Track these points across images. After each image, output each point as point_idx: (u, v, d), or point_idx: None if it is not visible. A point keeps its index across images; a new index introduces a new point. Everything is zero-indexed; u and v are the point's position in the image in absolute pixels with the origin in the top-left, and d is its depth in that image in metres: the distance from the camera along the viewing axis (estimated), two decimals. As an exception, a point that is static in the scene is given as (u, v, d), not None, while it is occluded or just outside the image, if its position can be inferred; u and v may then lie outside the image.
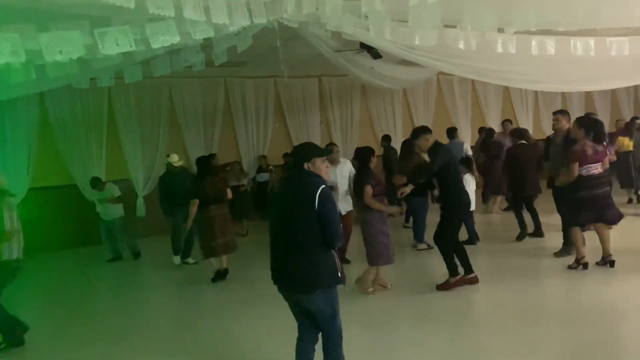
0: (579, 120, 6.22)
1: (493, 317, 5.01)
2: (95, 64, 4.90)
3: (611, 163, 8.09)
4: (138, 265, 8.68)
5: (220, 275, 6.82)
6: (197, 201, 6.70)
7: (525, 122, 13.85)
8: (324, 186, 3.27)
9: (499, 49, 5.05)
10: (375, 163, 5.75)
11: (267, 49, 7.36)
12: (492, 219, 9.69)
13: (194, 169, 8.21)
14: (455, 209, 5.71)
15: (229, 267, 6.88)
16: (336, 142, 12.21)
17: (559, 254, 6.69)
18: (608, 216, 5.99)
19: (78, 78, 6.05)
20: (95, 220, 8.85)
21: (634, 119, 11.09)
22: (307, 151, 3.48)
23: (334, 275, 3.30)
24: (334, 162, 6.58)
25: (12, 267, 4.87)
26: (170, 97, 10.90)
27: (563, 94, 14.08)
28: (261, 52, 8.13)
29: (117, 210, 8.67)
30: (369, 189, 5.53)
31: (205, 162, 7.09)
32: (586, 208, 5.89)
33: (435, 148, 5.69)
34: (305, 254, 3.22)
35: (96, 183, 8.72)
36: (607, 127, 10.25)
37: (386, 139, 11.15)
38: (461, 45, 4.93)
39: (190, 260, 8.01)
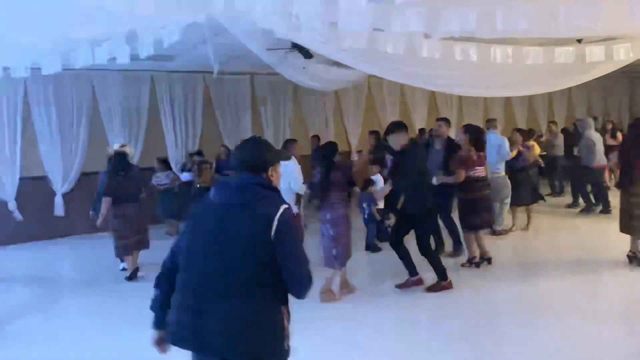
0: (465, 127, 6.80)
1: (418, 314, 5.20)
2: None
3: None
4: (56, 267, 8.22)
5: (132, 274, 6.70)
6: (109, 199, 6.55)
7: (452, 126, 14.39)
8: (286, 206, 2.27)
9: (425, 54, 5.22)
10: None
11: (196, 43, 7.18)
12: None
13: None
14: (432, 212, 5.83)
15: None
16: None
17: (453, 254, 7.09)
18: (490, 219, 6.78)
19: (-13, 67, 5.64)
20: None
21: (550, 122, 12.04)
22: (272, 152, 2.46)
23: (279, 345, 2.25)
24: None
25: None
26: (92, 90, 10.35)
27: (485, 98, 14.78)
28: (190, 47, 7.91)
29: None
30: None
31: (122, 158, 6.85)
32: (476, 210, 6.31)
33: (415, 149, 5.85)
34: (244, 306, 2.18)
35: None
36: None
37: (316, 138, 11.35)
38: (389, 49, 5.04)
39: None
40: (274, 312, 2.23)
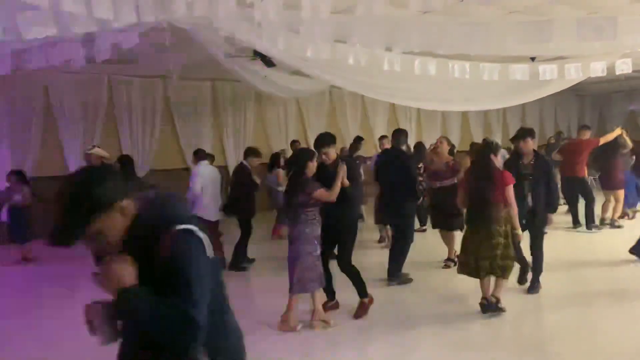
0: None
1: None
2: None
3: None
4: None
5: None
6: None
7: (410, 137, 14.62)
8: None
9: (386, 67, 5.30)
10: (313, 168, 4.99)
11: (156, 47, 7.05)
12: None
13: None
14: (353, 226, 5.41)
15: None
16: (228, 149, 12.13)
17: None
18: None
19: None
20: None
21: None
22: None
23: None
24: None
25: None
26: (45, 93, 10.02)
27: (442, 112, 15.11)
28: (149, 51, 7.76)
29: None
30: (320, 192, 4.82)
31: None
32: None
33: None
34: None
35: None
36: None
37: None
38: (351, 61, 5.10)
39: None
40: None
